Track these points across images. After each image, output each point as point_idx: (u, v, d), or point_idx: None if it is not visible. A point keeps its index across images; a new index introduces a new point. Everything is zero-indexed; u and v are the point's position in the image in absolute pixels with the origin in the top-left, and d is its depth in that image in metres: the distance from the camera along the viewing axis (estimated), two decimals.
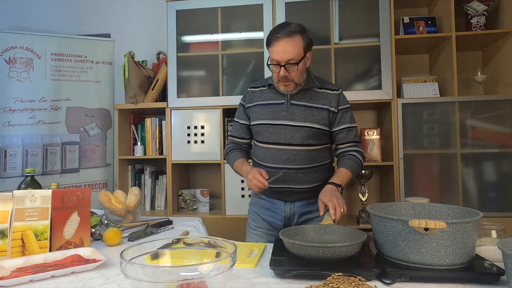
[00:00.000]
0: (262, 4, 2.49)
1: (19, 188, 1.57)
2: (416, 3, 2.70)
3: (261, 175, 1.43)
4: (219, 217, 2.53)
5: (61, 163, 2.80)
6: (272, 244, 1.21)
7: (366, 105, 2.55)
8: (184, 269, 0.72)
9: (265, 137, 1.58)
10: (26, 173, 1.61)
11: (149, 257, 0.85)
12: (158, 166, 2.89)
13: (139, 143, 2.77)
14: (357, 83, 2.53)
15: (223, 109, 2.55)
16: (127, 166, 2.79)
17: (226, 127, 2.59)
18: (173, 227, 1.65)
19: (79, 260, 1.08)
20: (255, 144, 1.67)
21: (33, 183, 1.60)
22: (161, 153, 2.73)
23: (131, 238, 1.42)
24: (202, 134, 2.57)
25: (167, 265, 0.86)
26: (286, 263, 1.00)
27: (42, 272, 0.98)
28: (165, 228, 1.62)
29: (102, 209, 1.75)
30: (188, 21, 2.65)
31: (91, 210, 1.41)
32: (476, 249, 0.98)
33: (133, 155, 2.78)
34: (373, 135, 2.53)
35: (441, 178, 2.34)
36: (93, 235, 1.38)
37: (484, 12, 2.43)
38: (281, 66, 1.45)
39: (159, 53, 2.88)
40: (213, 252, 0.87)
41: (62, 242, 1.20)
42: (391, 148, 2.40)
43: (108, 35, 3.11)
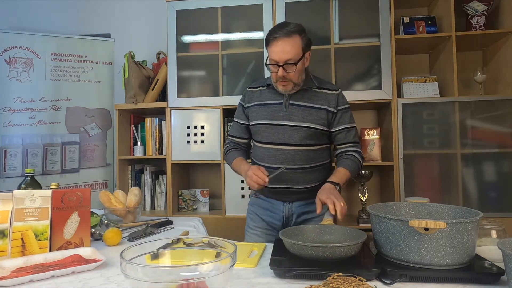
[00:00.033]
0: (262, 4, 2.49)
1: (19, 188, 1.57)
2: (416, 3, 2.70)
3: (262, 171, 1.42)
4: (219, 217, 2.53)
5: (61, 163, 2.80)
6: (272, 244, 1.21)
7: (366, 105, 2.55)
8: (184, 269, 0.72)
9: (263, 137, 1.58)
10: (26, 173, 1.61)
11: (149, 257, 0.85)
12: (158, 166, 2.89)
13: (139, 143, 2.77)
14: (357, 83, 2.53)
15: (223, 109, 2.55)
16: (127, 166, 2.79)
17: (226, 127, 2.59)
18: (173, 227, 1.65)
19: (79, 260, 1.08)
20: (254, 144, 1.67)
21: (33, 183, 1.60)
22: (161, 153, 2.73)
23: (131, 238, 1.42)
24: (202, 134, 2.57)
25: (167, 265, 0.86)
26: (286, 263, 1.00)
27: (42, 272, 0.98)
28: (165, 228, 1.62)
29: (102, 209, 1.75)
30: (188, 21, 2.65)
31: (91, 210, 1.41)
32: (476, 249, 0.98)
33: (133, 155, 2.78)
34: (373, 135, 2.53)
35: (441, 178, 2.34)
36: (93, 235, 1.38)
37: (484, 12, 2.43)
38: (279, 66, 1.44)
39: (159, 53, 2.88)
40: (213, 252, 0.87)
41: (62, 242, 1.20)
42: (391, 148, 2.40)
43: (108, 35, 3.11)
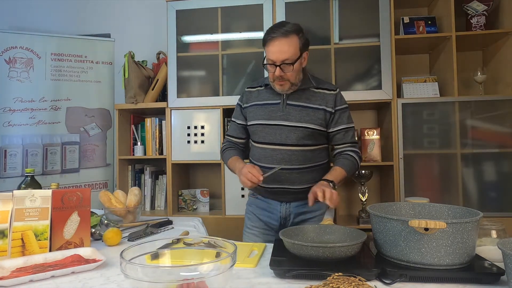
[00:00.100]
0: (262, 4, 2.49)
1: (19, 188, 1.57)
2: (416, 3, 2.70)
3: (256, 170, 1.43)
4: (219, 217, 2.53)
5: (61, 163, 2.80)
6: (272, 244, 1.21)
7: (366, 105, 2.55)
8: (184, 269, 0.72)
9: (260, 137, 1.58)
10: (26, 173, 1.61)
11: (149, 257, 0.85)
12: (158, 166, 2.89)
13: (139, 143, 2.77)
14: (357, 83, 2.53)
15: (223, 109, 2.55)
16: (127, 166, 2.79)
17: (226, 127, 2.59)
18: (173, 227, 1.65)
19: (79, 260, 1.08)
20: (251, 144, 1.67)
21: (33, 183, 1.60)
22: (161, 153, 2.73)
23: (131, 238, 1.42)
24: (202, 134, 2.57)
25: (167, 265, 0.86)
26: (286, 263, 1.00)
27: (42, 272, 0.98)
28: (165, 228, 1.62)
29: (102, 209, 1.75)
30: (188, 21, 2.65)
31: (91, 210, 1.41)
32: (476, 249, 0.98)
33: (133, 155, 2.78)
34: (373, 135, 2.53)
35: (441, 178, 2.34)
36: (93, 235, 1.38)
37: (484, 12, 2.43)
38: (276, 66, 1.44)
39: (159, 53, 2.88)
40: (213, 252, 0.87)
41: (62, 242, 1.20)
42: (391, 148, 2.40)
43: (108, 35, 3.11)
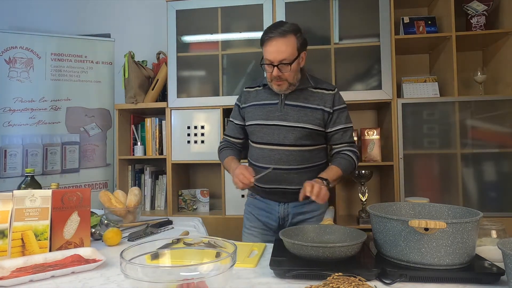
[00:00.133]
0: (262, 4, 2.49)
1: (19, 188, 1.57)
2: (416, 3, 2.70)
3: (249, 172, 1.43)
4: (219, 217, 2.53)
5: (61, 163, 2.80)
6: (272, 244, 1.21)
7: (366, 105, 2.55)
8: (184, 269, 0.72)
9: (258, 137, 1.58)
10: (26, 173, 1.61)
11: (149, 257, 0.85)
12: (158, 166, 2.89)
13: (139, 143, 2.77)
14: (357, 83, 2.53)
15: (223, 109, 2.55)
16: (127, 166, 2.79)
17: (226, 127, 2.58)
18: (173, 227, 1.65)
19: (79, 260, 1.08)
20: (250, 144, 1.67)
21: (33, 183, 1.60)
22: (161, 153, 2.73)
23: (131, 238, 1.42)
24: (202, 134, 2.57)
25: (167, 265, 0.86)
26: (286, 263, 1.00)
27: (42, 272, 0.98)
28: (165, 228, 1.62)
29: (102, 209, 1.75)
30: (188, 21, 2.65)
31: (91, 210, 1.41)
32: (476, 249, 0.98)
33: (133, 155, 2.78)
34: (373, 135, 2.53)
35: (441, 178, 2.34)
36: (93, 235, 1.38)
37: (484, 12, 2.43)
38: (274, 66, 1.44)
39: (159, 53, 2.88)
40: (213, 252, 0.87)
41: (62, 242, 1.20)
42: (391, 148, 2.40)
43: (108, 35, 3.11)
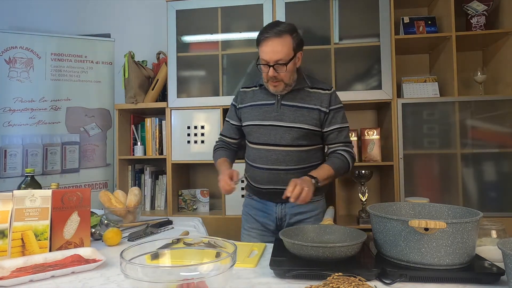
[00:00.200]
0: (262, 4, 2.49)
1: (19, 188, 1.57)
2: (416, 3, 2.70)
3: (231, 178, 1.44)
4: (219, 217, 2.53)
5: (61, 163, 2.80)
6: (272, 244, 1.21)
7: (366, 105, 2.55)
8: (184, 269, 0.72)
9: (255, 137, 1.58)
10: (26, 173, 1.61)
11: (149, 257, 0.85)
12: (158, 166, 2.89)
13: (139, 143, 2.77)
14: (357, 83, 2.53)
15: (223, 109, 2.55)
16: (127, 166, 2.79)
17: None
18: (173, 227, 1.65)
19: (79, 260, 1.08)
20: (247, 144, 1.67)
21: (33, 183, 1.60)
22: (161, 153, 2.73)
23: (131, 238, 1.42)
24: (202, 134, 2.57)
25: (167, 265, 0.86)
26: (286, 263, 1.00)
27: (42, 272, 0.98)
28: (165, 228, 1.62)
29: (102, 209, 1.75)
30: (188, 21, 2.65)
31: (91, 210, 1.41)
32: (476, 249, 0.98)
33: (133, 155, 2.78)
34: (373, 135, 2.53)
35: (441, 178, 2.34)
36: (93, 235, 1.38)
37: (484, 12, 2.43)
38: (270, 66, 1.43)
39: (159, 53, 2.88)
40: (213, 252, 0.87)
41: (62, 242, 1.20)
42: (391, 148, 2.40)
43: (108, 35, 3.11)
